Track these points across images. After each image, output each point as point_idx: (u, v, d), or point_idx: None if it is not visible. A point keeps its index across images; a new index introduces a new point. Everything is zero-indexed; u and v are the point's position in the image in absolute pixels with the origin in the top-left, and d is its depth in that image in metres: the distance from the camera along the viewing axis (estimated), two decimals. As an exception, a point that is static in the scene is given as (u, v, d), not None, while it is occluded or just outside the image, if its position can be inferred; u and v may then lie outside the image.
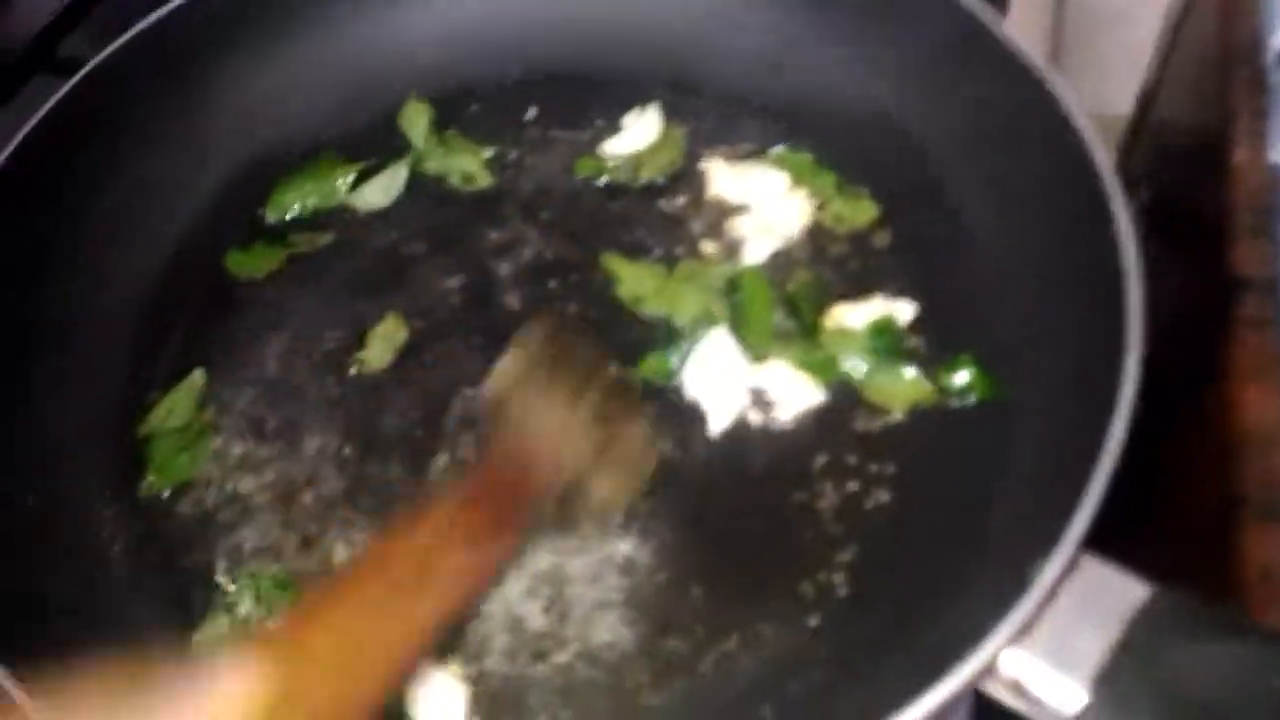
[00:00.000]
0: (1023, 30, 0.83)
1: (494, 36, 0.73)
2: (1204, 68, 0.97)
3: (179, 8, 0.65)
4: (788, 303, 0.61)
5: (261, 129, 0.69)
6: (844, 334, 0.60)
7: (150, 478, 0.57)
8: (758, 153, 0.68)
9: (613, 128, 0.70)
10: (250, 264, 0.65)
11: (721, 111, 0.70)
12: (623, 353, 0.60)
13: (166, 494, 0.57)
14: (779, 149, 0.68)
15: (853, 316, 0.61)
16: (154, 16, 0.64)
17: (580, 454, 0.53)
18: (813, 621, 0.52)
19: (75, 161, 0.62)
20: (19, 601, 0.49)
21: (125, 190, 0.64)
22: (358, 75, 0.72)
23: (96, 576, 0.52)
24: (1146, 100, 1.27)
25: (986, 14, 0.65)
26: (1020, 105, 0.62)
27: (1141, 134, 1.29)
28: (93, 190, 0.63)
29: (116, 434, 0.58)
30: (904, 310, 0.61)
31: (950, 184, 0.65)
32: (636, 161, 0.68)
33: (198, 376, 0.61)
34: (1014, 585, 0.46)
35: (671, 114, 0.70)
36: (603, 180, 0.68)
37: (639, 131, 0.69)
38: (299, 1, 0.69)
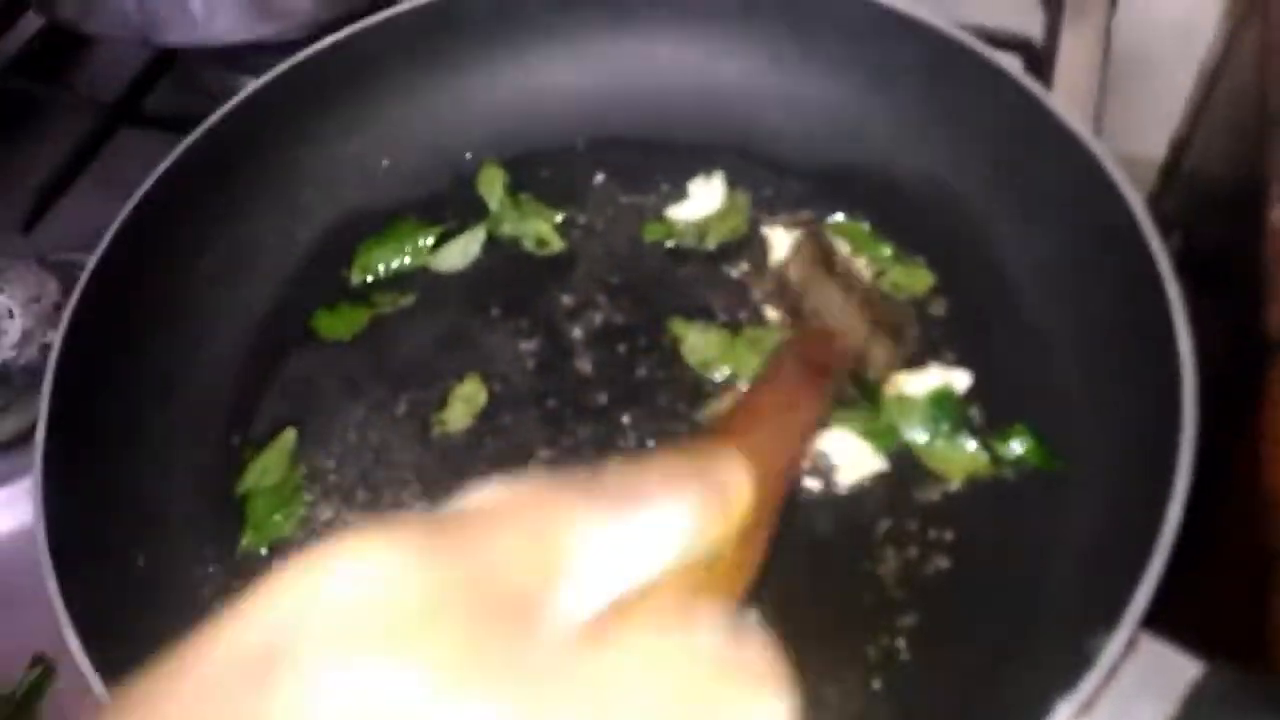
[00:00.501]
0: (1069, 91, 0.86)
1: (563, 102, 0.76)
2: (1240, 119, 0.99)
3: (272, 80, 0.68)
4: (851, 370, 0.64)
5: (347, 193, 0.72)
6: (904, 402, 0.62)
7: (248, 537, 0.60)
8: (817, 221, 0.71)
9: (678, 193, 0.73)
10: (337, 325, 0.68)
11: (782, 179, 0.73)
12: (691, 414, 0.63)
13: (265, 552, 0.60)
14: (838, 217, 0.71)
15: (911, 385, 0.64)
16: (251, 88, 0.68)
17: (860, 326, 0.64)
18: (875, 685, 0.55)
19: (180, 224, 0.66)
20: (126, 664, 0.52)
21: (223, 254, 0.68)
22: (437, 141, 0.75)
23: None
24: (1179, 146, 1.29)
25: (1039, 90, 0.68)
26: (1073, 181, 0.65)
27: (1174, 179, 1.31)
28: (194, 253, 0.67)
29: (216, 493, 0.61)
30: (960, 379, 0.64)
31: (1004, 254, 0.68)
32: (703, 228, 0.71)
33: (289, 436, 0.64)
34: (1075, 660, 0.48)
35: (734, 180, 0.73)
36: (669, 244, 0.71)
37: (705, 198, 0.72)
38: (382, 71, 0.72)
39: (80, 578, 0.52)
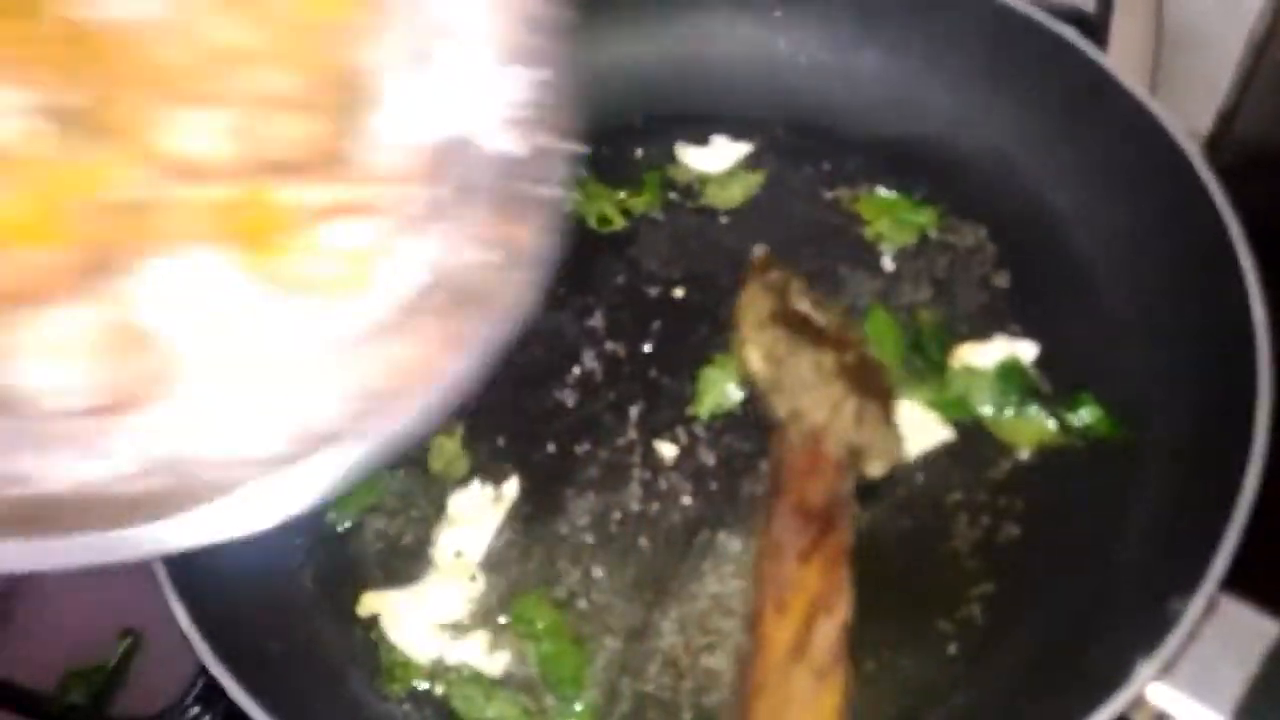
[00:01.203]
0: (1123, 59, 0.85)
1: (621, 80, 0.76)
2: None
3: None
4: (914, 342, 0.65)
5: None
6: (972, 373, 0.63)
7: (333, 512, 0.62)
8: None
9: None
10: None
11: (841, 153, 0.73)
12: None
13: (346, 526, 0.62)
14: (879, 190, 0.71)
15: (977, 356, 0.64)
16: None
17: (847, 432, 0.56)
18: (952, 650, 0.56)
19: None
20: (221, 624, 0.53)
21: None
22: None
23: (289, 599, 0.58)
24: (1227, 118, 1.28)
25: (1100, 55, 0.68)
26: (1136, 146, 0.65)
27: (1221, 151, 1.30)
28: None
29: None
30: (1027, 350, 0.64)
31: (1069, 224, 0.69)
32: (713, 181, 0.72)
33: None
34: (1155, 622, 0.49)
35: (788, 153, 0.74)
36: (724, 219, 0.72)
37: (722, 155, 0.73)
38: None
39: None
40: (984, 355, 0.64)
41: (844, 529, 0.53)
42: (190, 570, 0.52)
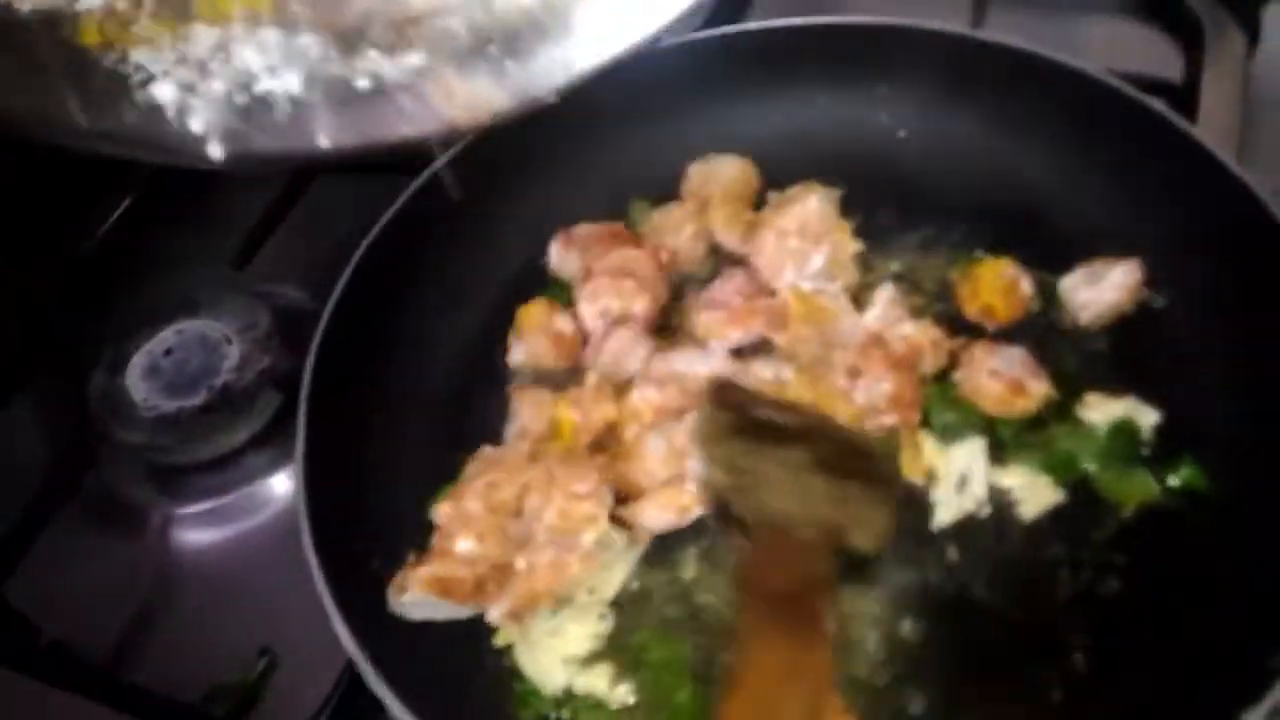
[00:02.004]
0: (1212, 129, 0.87)
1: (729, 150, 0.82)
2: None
3: (473, 140, 0.74)
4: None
5: (536, 234, 0.80)
6: (1084, 433, 0.67)
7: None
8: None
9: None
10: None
11: (945, 220, 0.77)
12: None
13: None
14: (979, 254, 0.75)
15: (1093, 413, 0.67)
16: (453, 150, 0.75)
17: (822, 515, 0.57)
18: (1056, 696, 0.59)
19: (402, 264, 0.74)
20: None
21: (437, 289, 0.76)
22: (601, 187, 0.82)
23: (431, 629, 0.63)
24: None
25: (1190, 128, 0.71)
26: (1227, 214, 0.68)
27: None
28: (414, 287, 0.75)
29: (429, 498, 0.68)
30: (1148, 416, 0.67)
31: (1163, 290, 0.71)
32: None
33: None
34: (1257, 676, 0.51)
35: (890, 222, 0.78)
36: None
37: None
38: (563, 131, 0.77)
39: (335, 556, 0.60)
40: (1100, 413, 0.67)
41: (812, 613, 0.53)
42: (353, 592, 0.57)
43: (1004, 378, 0.68)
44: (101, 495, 0.80)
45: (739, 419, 0.60)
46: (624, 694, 0.61)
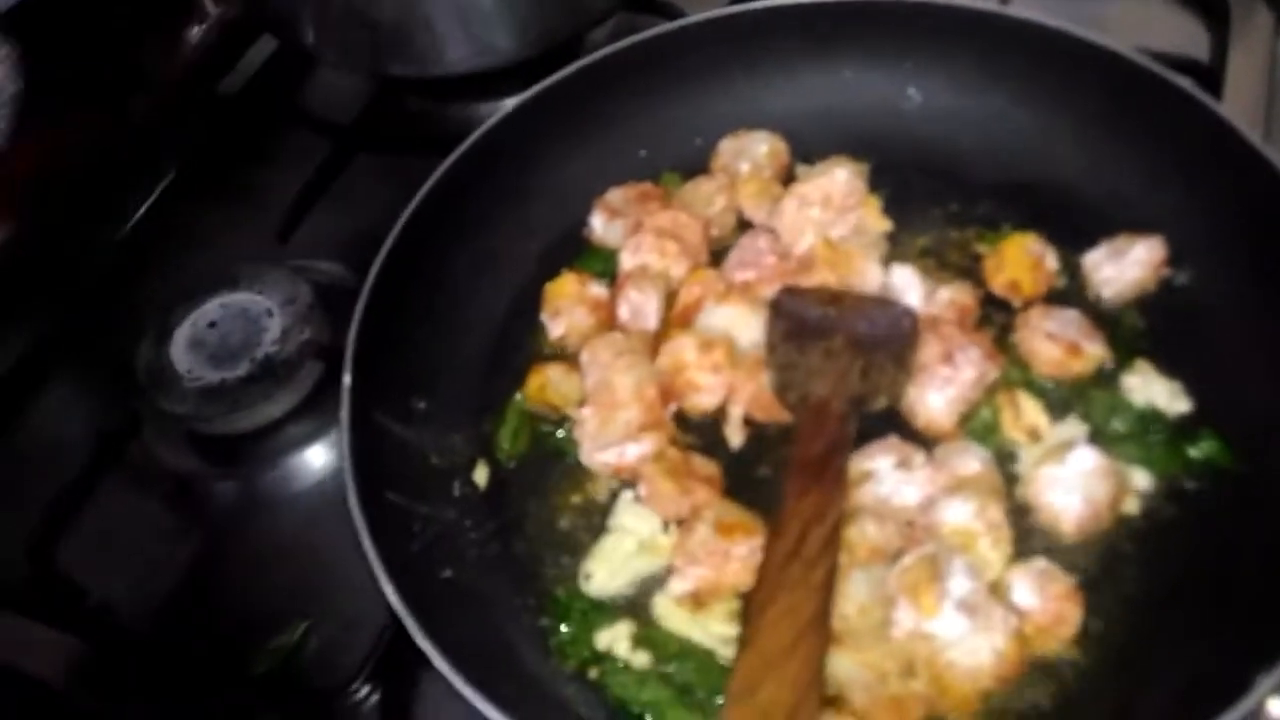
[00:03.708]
0: (1239, 107, 0.88)
1: (760, 124, 0.83)
2: None
3: (506, 115, 0.78)
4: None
5: (567, 209, 0.82)
6: (1117, 401, 0.68)
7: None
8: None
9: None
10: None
11: (969, 196, 0.78)
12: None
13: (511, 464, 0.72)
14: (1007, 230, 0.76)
15: (1133, 389, 0.68)
16: (489, 123, 0.78)
17: (851, 390, 0.67)
18: (1076, 658, 0.60)
19: (436, 237, 0.76)
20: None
21: (469, 263, 0.78)
22: (632, 160, 0.84)
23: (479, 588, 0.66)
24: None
25: (1217, 105, 0.72)
26: (1255, 194, 0.69)
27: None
28: (448, 262, 0.77)
29: (469, 466, 0.72)
30: (1180, 404, 0.68)
31: (1189, 266, 0.72)
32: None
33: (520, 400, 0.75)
34: (1275, 640, 0.53)
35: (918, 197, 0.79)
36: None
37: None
38: (601, 103, 0.82)
39: (375, 512, 0.62)
40: (1140, 390, 0.68)
41: (837, 466, 0.64)
42: (396, 553, 0.60)
43: (1060, 340, 0.69)
44: (146, 464, 0.82)
45: (792, 324, 0.71)
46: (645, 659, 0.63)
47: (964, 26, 0.79)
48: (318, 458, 0.81)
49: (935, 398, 0.68)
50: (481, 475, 0.71)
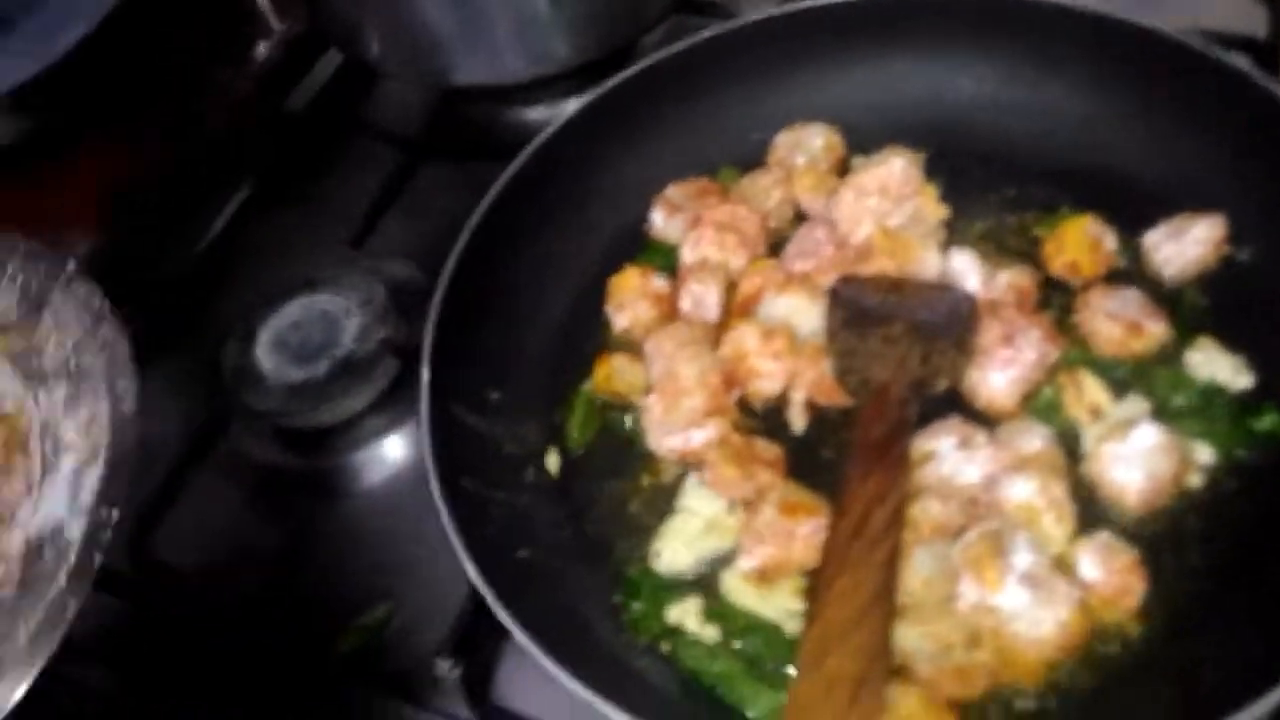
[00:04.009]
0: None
1: (813, 117, 0.85)
2: None
3: (569, 120, 0.81)
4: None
5: (628, 209, 0.84)
6: (1179, 377, 0.69)
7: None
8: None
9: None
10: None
11: (1024, 182, 0.79)
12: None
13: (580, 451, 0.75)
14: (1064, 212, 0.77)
15: (1197, 364, 0.69)
16: (551, 128, 0.81)
17: (910, 374, 0.69)
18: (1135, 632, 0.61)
19: (502, 240, 0.79)
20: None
21: (532, 264, 0.81)
22: (689, 157, 0.86)
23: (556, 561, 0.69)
24: None
25: (1278, 87, 0.72)
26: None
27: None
28: (513, 263, 0.80)
29: (541, 457, 0.75)
30: (1242, 379, 0.68)
31: (1252, 245, 0.73)
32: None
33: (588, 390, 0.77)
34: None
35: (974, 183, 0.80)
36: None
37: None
38: (658, 104, 0.85)
39: (455, 498, 0.65)
40: (1203, 365, 0.69)
41: (899, 450, 0.66)
42: (475, 535, 0.63)
43: (1121, 320, 0.69)
44: (235, 459, 0.86)
45: (851, 312, 0.73)
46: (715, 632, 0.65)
47: (1014, 15, 0.80)
48: (395, 449, 0.84)
49: (996, 378, 0.69)
50: (553, 462, 0.74)
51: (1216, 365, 0.68)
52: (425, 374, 0.70)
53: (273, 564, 0.80)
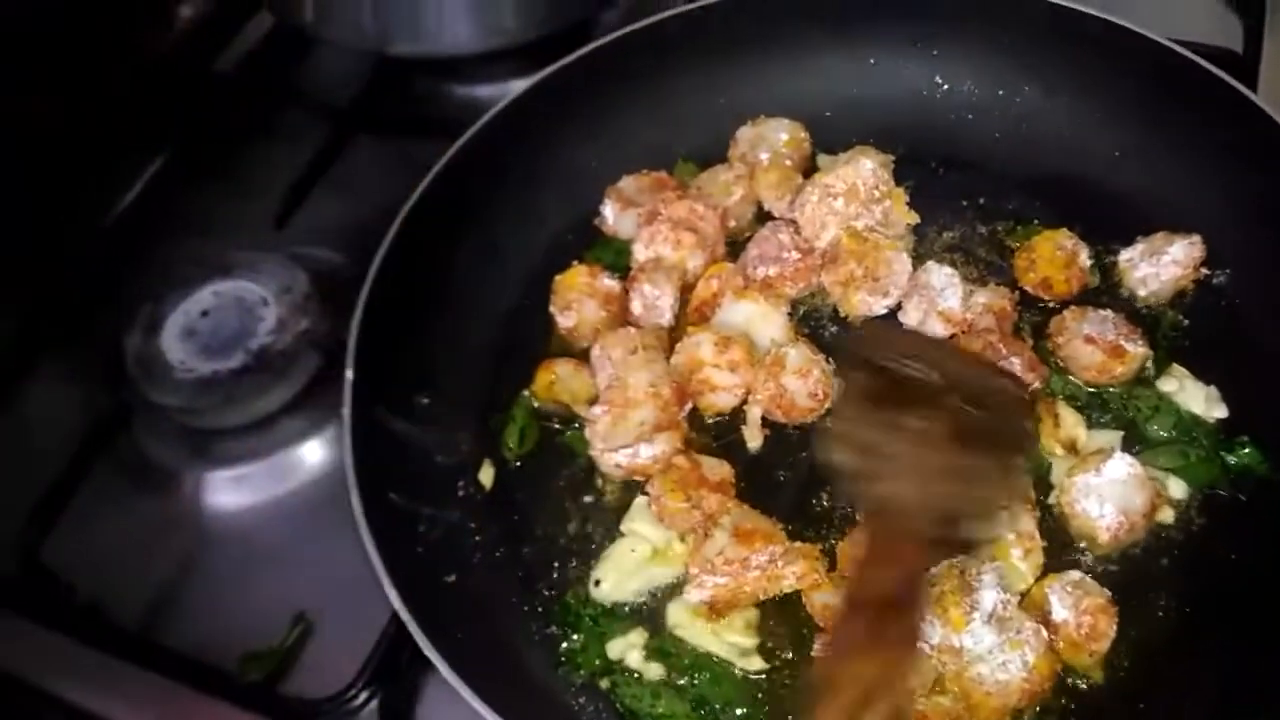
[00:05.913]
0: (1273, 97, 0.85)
1: (783, 112, 0.80)
2: None
3: (517, 98, 0.75)
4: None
5: (578, 198, 0.79)
6: (1162, 403, 0.66)
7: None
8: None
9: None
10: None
11: (998, 187, 0.76)
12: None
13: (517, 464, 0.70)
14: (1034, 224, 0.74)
15: (1177, 390, 0.66)
16: (499, 106, 0.75)
17: (939, 502, 0.51)
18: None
19: (440, 227, 0.73)
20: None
21: (474, 254, 0.75)
22: (645, 147, 0.81)
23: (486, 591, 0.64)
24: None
25: (1255, 98, 0.69)
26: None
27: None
28: (452, 252, 0.74)
29: (475, 461, 0.69)
30: (1218, 409, 0.66)
31: (1225, 264, 0.70)
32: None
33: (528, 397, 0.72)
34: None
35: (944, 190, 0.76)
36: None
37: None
38: (607, 90, 0.79)
39: (378, 512, 0.60)
40: (1184, 395, 0.66)
41: (911, 620, 0.50)
42: (400, 556, 0.57)
43: (1101, 343, 0.66)
44: (136, 458, 0.79)
45: (877, 381, 0.54)
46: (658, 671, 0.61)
47: (994, 12, 0.76)
48: (313, 454, 0.78)
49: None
50: (487, 475, 0.69)
51: (1189, 395, 0.66)
52: (349, 373, 0.64)
53: (172, 577, 0.73)
